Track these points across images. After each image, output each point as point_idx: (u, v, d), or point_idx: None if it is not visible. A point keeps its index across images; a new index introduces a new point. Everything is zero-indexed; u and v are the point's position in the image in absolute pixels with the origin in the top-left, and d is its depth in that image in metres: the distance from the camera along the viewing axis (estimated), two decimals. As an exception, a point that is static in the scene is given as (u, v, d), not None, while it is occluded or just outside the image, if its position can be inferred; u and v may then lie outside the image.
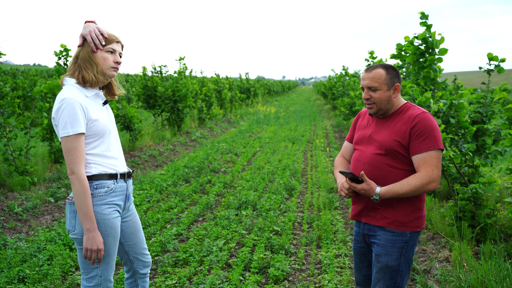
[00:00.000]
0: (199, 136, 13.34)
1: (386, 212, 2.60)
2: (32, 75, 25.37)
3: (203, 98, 16.89)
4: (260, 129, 15.49)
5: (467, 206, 4.91)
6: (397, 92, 2.61)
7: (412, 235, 2.60)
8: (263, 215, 5.78)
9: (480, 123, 5.83)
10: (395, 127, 2.57)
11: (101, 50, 2.50)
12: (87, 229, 2.41)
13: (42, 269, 4.02)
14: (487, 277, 3.47)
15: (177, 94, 13.26)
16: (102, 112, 2.55)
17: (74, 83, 2.51)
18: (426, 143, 2.48)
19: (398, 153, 2.54)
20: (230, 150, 10.85)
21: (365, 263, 2.84)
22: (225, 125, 16.77)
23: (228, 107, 21.01)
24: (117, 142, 2.66)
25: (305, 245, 4.94)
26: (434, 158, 2.48)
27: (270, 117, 19.86)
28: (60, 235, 4.87)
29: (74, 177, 2.40)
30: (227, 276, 4.05)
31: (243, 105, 25.67)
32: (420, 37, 5.54)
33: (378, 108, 2.62)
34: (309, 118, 19.89)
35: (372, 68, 2.61)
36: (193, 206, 6.24)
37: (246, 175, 8.07)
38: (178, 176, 7.91)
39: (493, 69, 5.90)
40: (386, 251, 2.60)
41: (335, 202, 6.44)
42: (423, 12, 5.54)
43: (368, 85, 2.59)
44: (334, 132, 15.18)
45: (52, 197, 6.45)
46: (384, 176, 2.57)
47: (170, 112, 13.53)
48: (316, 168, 8.94)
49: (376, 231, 2.65)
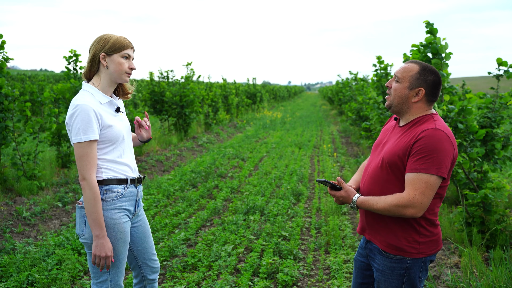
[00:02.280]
0: (206, 141, 13.36)
1: (383, 232, 2.36)
2: (40, 80, 25.54)
3: (210, 103, 16.92)
4: (267, 134, 15.49)
5: (477, 212, 4.88)
6: (418, 98, 2.30)
7: (414, 262, 2.31)
8: (271, 220, 5.77)
9: (489, 128, 5.80)
10: (403, 139, 2.30)
11: (116, 55, 2.53)
12: (96, 236, 2.42)
13: (51, 273, 4.02)
14: (498, 284, 3.44)
15: (184, 100, 13.29)
16: (116, 119, 2.57)
17: (89, 88, 2.54)
18: (420, 163, 2.18)
19: (398, 167, 2.28)
20: (237, 155, 10.85)
21: (360, 280, 2.62)
22: (232, 130, 16.79)
23: (235, 112, 21.04)
24: (130, 149, 2.67)
25: (313, 251, 4.92)
26: (423, 182, 2.18)
27: (276, 122, 19.87)
28: (68, 240, 4.88)
29: (85, 183, 2.42)
30: (236, 281, 4.04)
31: (249, 110, 25.70)
32: (426, 41, 5.53)
33: (391, 102, 2.38)
34: (316, 124, 19.87)
35: (411, 61, 2.37)
36: (201, 211, 6.24)
37: (253, 180, 8.06)
38: (185, 181, 7.92)
39: (502, 74, 5.88)
40: (385, 278, 2.38)
41: (343, 207, 6.42)
42: (428, 21, 5.54)
43: (396, 73, 2.37)
44: (341, 137, 15.15)
45: (60, 202, 6.46)
46: (381, 191, 2.33)
47: (177, 117, 13.56)
48: (323, 174, 8.92)
49: (375, 254, 2.43)
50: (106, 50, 2.51)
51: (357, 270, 2.63)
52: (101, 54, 2.51)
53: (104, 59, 2.52)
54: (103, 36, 2.55)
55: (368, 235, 2.48)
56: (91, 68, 2.56)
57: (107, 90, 2.59)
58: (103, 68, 2.55)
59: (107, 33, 2.58)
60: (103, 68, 2.54)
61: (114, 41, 2.52)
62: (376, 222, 2.39)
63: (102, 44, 2.52)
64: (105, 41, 2.52)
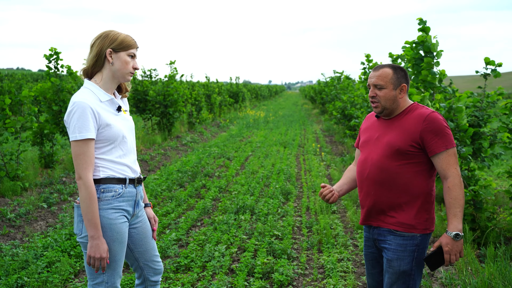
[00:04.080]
0: (190, 140, 13.26)
1: (394, 214, 2.57)
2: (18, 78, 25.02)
3: (193, 102, 16.80)
4: (250, 134, 15.46)
5: (467, 209, 4.93)
6: (403, 93, 2.59)
7: (423, 238, 2.56)
8: (262, 220, 5.73)
9: (477, 127, 5.86)
10: (404, 127, 2.55)
11: (123, 53, 2.48)
12: (91, 236, 2.37)
13: (41, 276, 3.92)
14: (494, 280, 3.46)
15: (167, 99, 13.16)
16: (116, 119, 2.51)
17: (90, 86, 2.47)
18: (443, 142, 2.47)
19: (410, 153, 2.51)
20: (222, 155, 10.79)
21: (377, 269, 2.79)
22: (215, 130, 16.70)
23: (217, 111, 20.94)
24: (131, 150, 2.60)
25: (306, 250, 4.90)
26: (453, 155, 2.48)
27: (259, 121, 19.84)
28: (57, 242, 4.76)
29: (81, 182, 2.36)
30: (231, 281, 3.99)
31: (231, 109, 25.62)
32: (419, 39, 5.55)
33: (383, 107, 2.60)
34: (299, 123, 19.91)
35: (379, 67, 2.61)
36: (190, 211, 6.17)
37: (240, 180, 8.01)
38: (172, 180, 7.83)
39: (490, 73, 5.97)
40: (398, 256, 2.56)
41: (333, 206, 6.42)
42: (421, 18, 5.57)
43: (374, 83, 2.59)
44: (324, 136, 15.21)
45: (45, 203, 6.32)
46: (392, 178, 2.55)
47: (160, 117, 13.42)
48: (310, 172, 8.93)
49: (386, 236, 2.61)
50: (114, 46, 2.46)
51: (370, 262, 2.80)
52: (108, 50, 2.45)
53: (111, 55, 2.46)
54: (110, 32, 2.49)
55: (375, 221, 2.65)
56: (95, 64, 2.49)
57: (108, 88, 2.52)
58: (107, 65, 2.48)
59: (111, 29, 2.53)
60: (108, 65, 2.48)
61: (122, 38, 2.48)
62: (389, 207, 2.58)
63: (110, 40, 2.46)
64: (113, 38, 2.47)
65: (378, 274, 2.79)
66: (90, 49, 2.51)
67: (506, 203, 6.03)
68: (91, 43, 2.52)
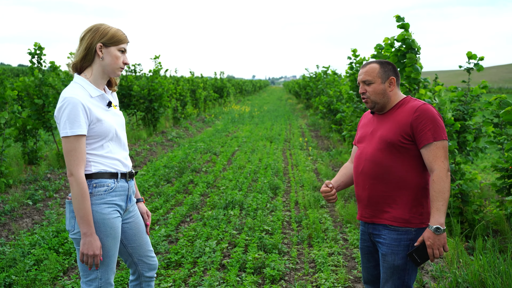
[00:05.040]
0: (175, 135, 13.17)
1: (388, 208, 2.56)
2: (-2, 74, 24.55)
3: (178, 97, 16.69)
4: (236, 129, 15.42)
5: (455, 202, 4.99)
6: (393, 86, 2.61)
7: (418, 232, 2.54)
8: (251, 215, 5.72)
9: (462, 121, 5.93)
10: (396, 120, 2.56)
11: (114, 47, 2.43)
12: (84, 233, 2.33)
13: (29, 274, 3.85)
14: (485, 273, 3.51)
15: (152, 93, 13.04)
16: (107, 114, 2.47)
17: (80, 81, 2.42)
18: (431, 133, 2.45)
19: (401, 145, 2.51)
20: (209, 150, 10.75)
21: (372, 263, 2.79)
22: (200, 125, 16.62)
23: (202, 106, 20.85)
24: (123, 145, 2.56)
25: (296, 244, 4.91)
26: (441, 148, 2.46)
27: (244, 116, 19.81)
28: (44, 239, 4.69)
29: (73, 179, 2.32)
30: (223, 277, 3.98)
31: (216, 104, 25.52)
32: (399, 38, 5.60)
33: (373, 102, 2.62)
34: (284, 117, 19.92)
35: (367, 64, 2.64)
36: (179, 206, 6.13)
37: (228, 175, 7.99)
38: (159, 176, 7.77)
39: (473, 67, 6.05)
40: (392, 251, 2.55)
41: (321, 200, 6.45)
42: (399, 16, 5.60)
43: (363, 79, 2.62)
44: (310, 130, 15.25)
45: (30, 200, 6.22)
46: (386, 171, 2.55)
47: (145, 112, 13.31)
48: (297, 167, 8.95)
49: (380, 230, 2.61)
50: (104, 40, 2.41)
51: (366, 256, 2.80)
52: (98, 44, 2.40)
53: (101, 50, 2.42)
54: (100, 26, 2.44)
55: (371, 218, 2.65)
56: (85, 58, 2.44)
57: (99, 83, 2.48)
58: (97, 59, 2.44)
59: (102, 23, 2.48)
60: (98, 59, 2.44)
61: (113, 33, 2.43)
62: (384, 201, 2.58)
63: (100, 34, 2.41)
64: (104, 32, 2.42)
65: (374, 268, 2.79)
66: (80, 43, 2.46)
67: (492, 196, 6.12)
68: (80, 36, 2.47)
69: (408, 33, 5.46)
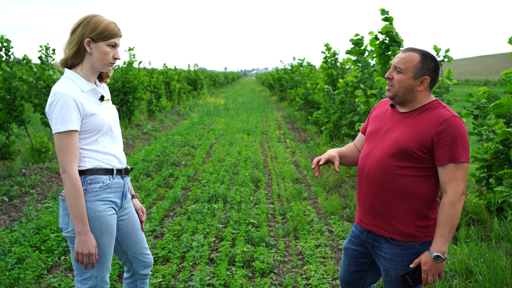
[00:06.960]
0: (151, 128, 13.00)
1: (391, 220, 2.33)
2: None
3: (152, 89, 16.47)
4: (212, 121, 15.33)
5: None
6: (423, 86, 2.28)
7: (423, 246, 2.31)
8: (235, 208, 5.70)
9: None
10: (417, 126, 2.26)
11: (103, 43, 2.34)
12: (78, 232, 2.26)
13: (12, 273, 3.73)
14: (471, 261, 3.59)
15: (127, 86, 12.82)
16: (100, 108, 2.40)
17: (71, 75, 2.34)
18: (453, 153, 2.18)
19: (415, 156, 2.24)
20: (186, 143, 10.65)
21: (353, 268, 2.58)
22: (175, 118, 16.45)
23: (176, 99, 20.63)
24: (117, 139, 2.50)
25: (283, 237, 4.92)
26: (461, 170, 2.20)
27: (219, 109, 19.71)
28: (25, 236, 4.55)
29: (66, 176, 2.25)
30: (213, 271, 3.95)
31: (190, 97, 25.30)
32: (383, 31, 5.65)
33: (395, 93, 2.31)
34: (259, 110, 19.91)
35: (408, 50, 2.31)
36: (161, 201, 6.05)
37: (208, 168, 7.93)
38: (138, 170, 7.65)
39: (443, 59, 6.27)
40: (395, 266, 2.34)
41: (303, 193, 6.47)
42: (383, 9, 5.66)
43: (396, 64, 2.30)
44: (286, 123, 15.29)
45: (5, 196, 6.02)
46: (393, 179, 2.29)
47: (119, 104, 13.07)
48: (276, 159, 8.96)
49: (381, 243, 2.39)
50: (93, 35, 2.32)
51: (350, 258, 2.59)
52: (86, 39, 2.32)
53: (89, 45, 2.33)
54: (92, 19, 2.34)
55: (371, 226, 2.42)
56: (76, 54, 2.35)
57: (90, 77, 2.40)
58: (86, 54, 2.35)
59: (95, 14, 2.38)
60: (86, 54, 2.35)
61: (104, 27, 2.33)
62: (387, 211, 2.34)
63: (91, 28, 2.32)
64: (94, 26, 2.32)
65: (352, 273, 2.60)
66: (71, 36, 2.36)
67: (469, 186, 6.26)
68: (71, 29, 2.37)
69: (391, 26, 5.51)
